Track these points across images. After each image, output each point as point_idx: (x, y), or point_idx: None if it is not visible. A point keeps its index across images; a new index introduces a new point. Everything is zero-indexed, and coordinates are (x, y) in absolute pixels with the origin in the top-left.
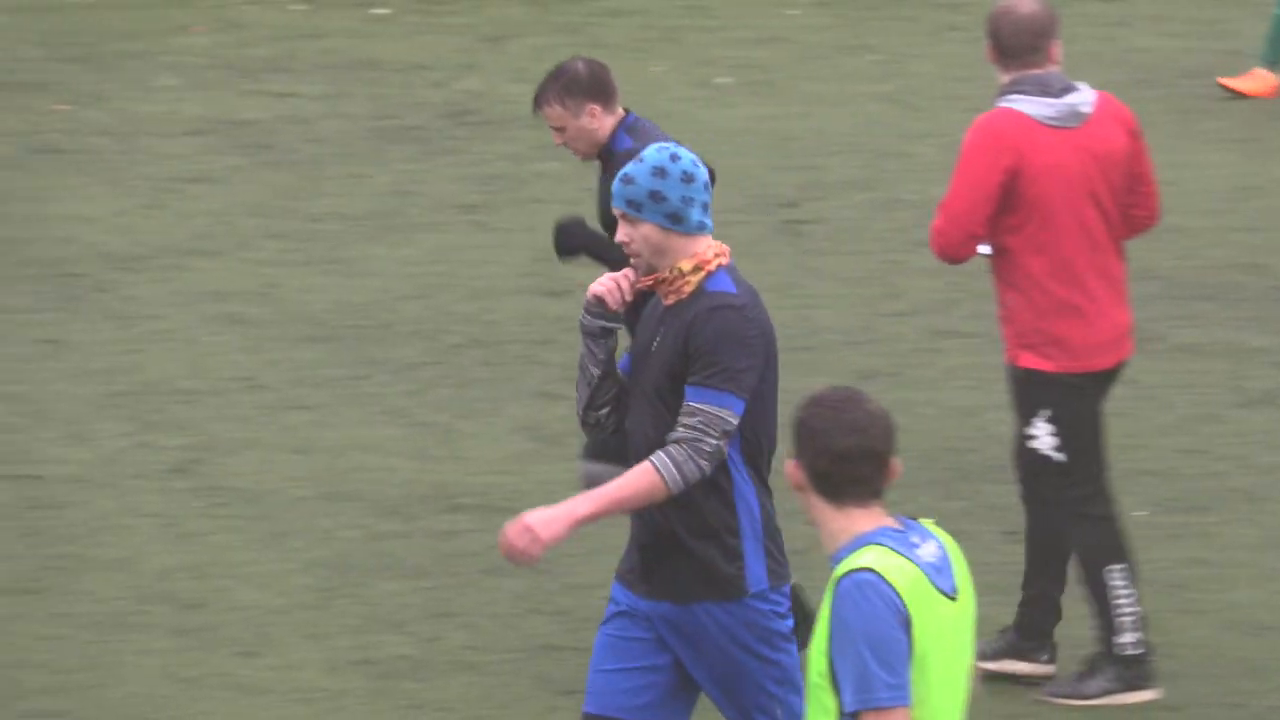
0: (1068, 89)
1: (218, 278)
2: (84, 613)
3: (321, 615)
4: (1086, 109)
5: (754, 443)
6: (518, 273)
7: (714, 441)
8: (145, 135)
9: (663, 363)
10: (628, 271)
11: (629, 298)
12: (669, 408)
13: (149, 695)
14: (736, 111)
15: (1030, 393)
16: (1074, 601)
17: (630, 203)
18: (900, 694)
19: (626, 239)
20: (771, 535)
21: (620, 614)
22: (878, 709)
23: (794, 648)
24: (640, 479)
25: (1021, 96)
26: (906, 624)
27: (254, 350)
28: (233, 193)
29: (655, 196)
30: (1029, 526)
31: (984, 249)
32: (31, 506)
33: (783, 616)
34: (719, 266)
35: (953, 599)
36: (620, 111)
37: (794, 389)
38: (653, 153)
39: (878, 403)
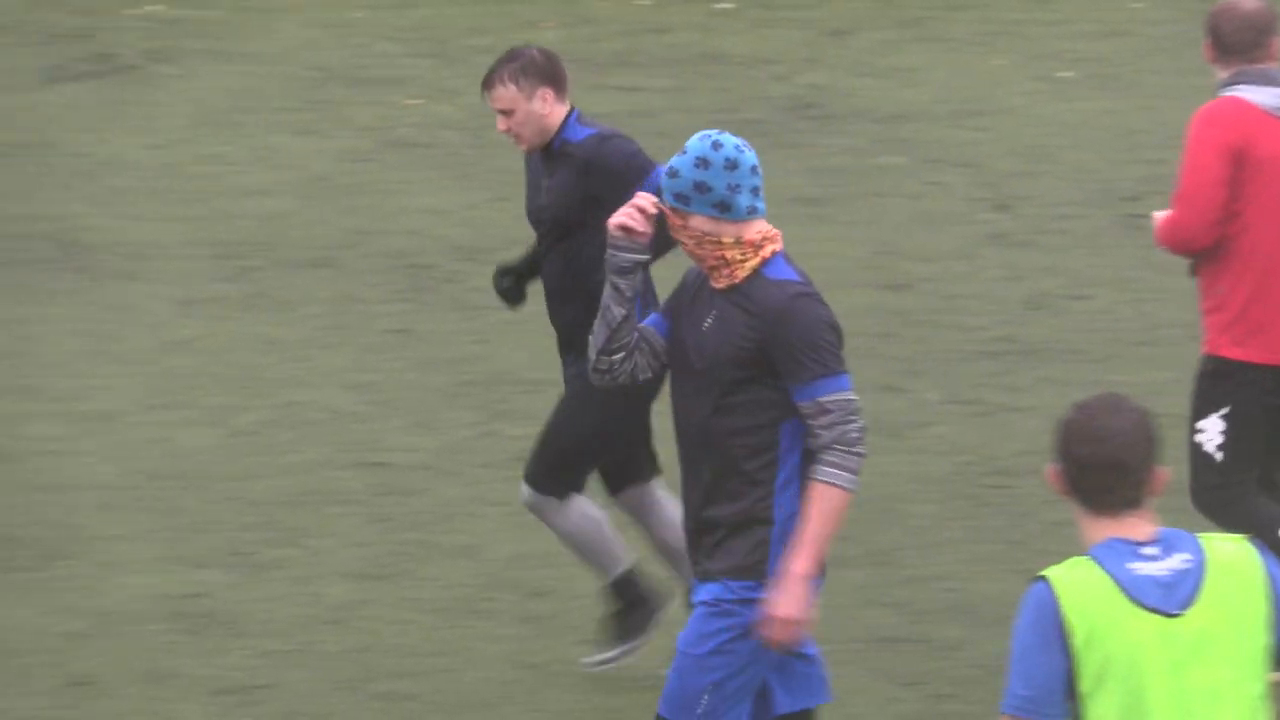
0: None
1: None
2: (432, 598)
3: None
4: None
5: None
6: (859, 265)
7: (855, 424)
8: (494, 129)
9: (720, 350)
10: (644, 195)
11: (653, 215)
12: (726, 393)
13: (495, 680)
14: (1079, 105)
15: (1216, 386)
16: None
17: (678, 196)
18: (1027, 707)
19: (675, 229)
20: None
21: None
22: (1003, 716)
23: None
24: (824, 503)
25: (1246, 86)
26: (1065, 639)
27: None
28: None
29: (700, 187)
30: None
31: None
32: (380, 493)
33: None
34: (774, 253)
35: (1171, 616)
36: (568, 105)
37: (1132, 383)
38: (695, 142)
39: (1141, 412)
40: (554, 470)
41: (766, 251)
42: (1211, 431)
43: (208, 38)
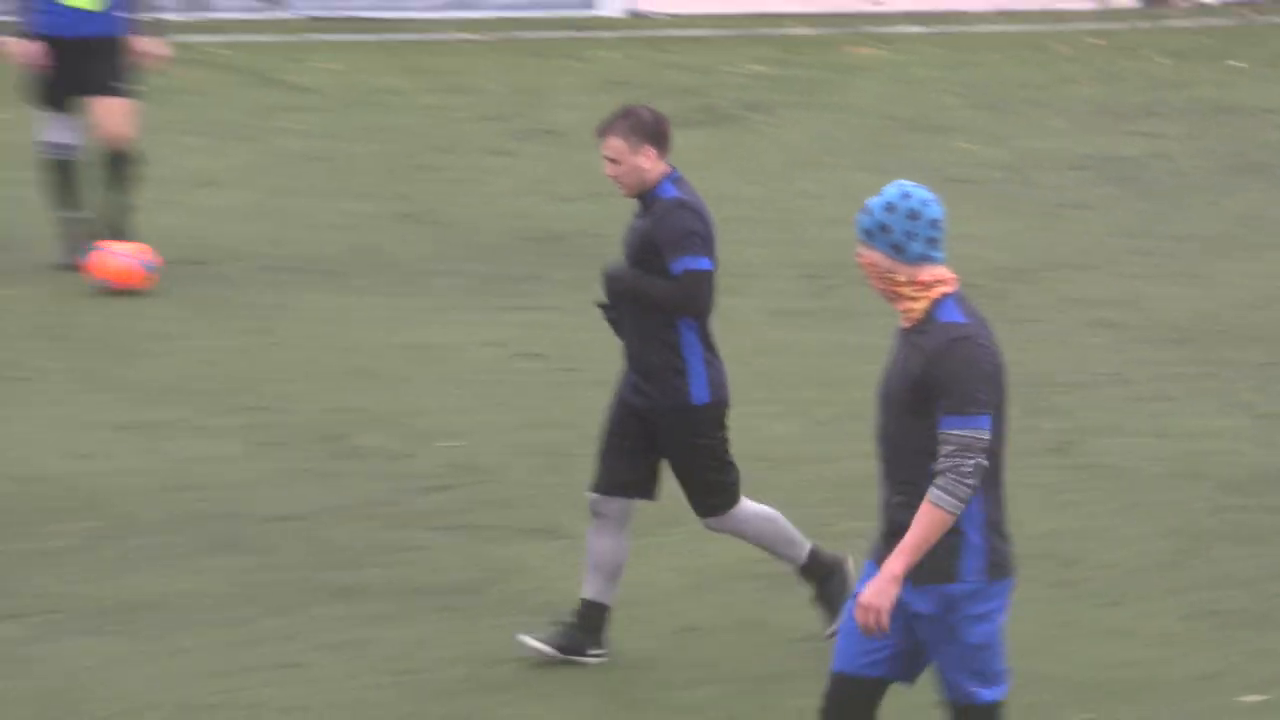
0: None
1: (1091, 288)
2: None
3: (1175, 573)
4: None
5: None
6: None
7: (972, 460)
8: (1036, 169)
9: (903, 382)
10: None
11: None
12: (908, 418)
13: (1032, 635)
14: None
15: None
16: None
17: (865, 231)
18: None
19: (859, 260)
20: (992, 535)
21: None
22: None
23: (999, 644)
24: (927, 518)
25: None
26: None
27: (1121, 350)
28: (1106, 217)
29: (884, 228)
30: None
31: None
32: None
33: (986, 618)
34: (943, 295)
35: None
36: (667, 165)
37: None
38: (890, 189)
39: None
40: (709, 498)
41: (935, 293)
42: None
43: (798, 92)
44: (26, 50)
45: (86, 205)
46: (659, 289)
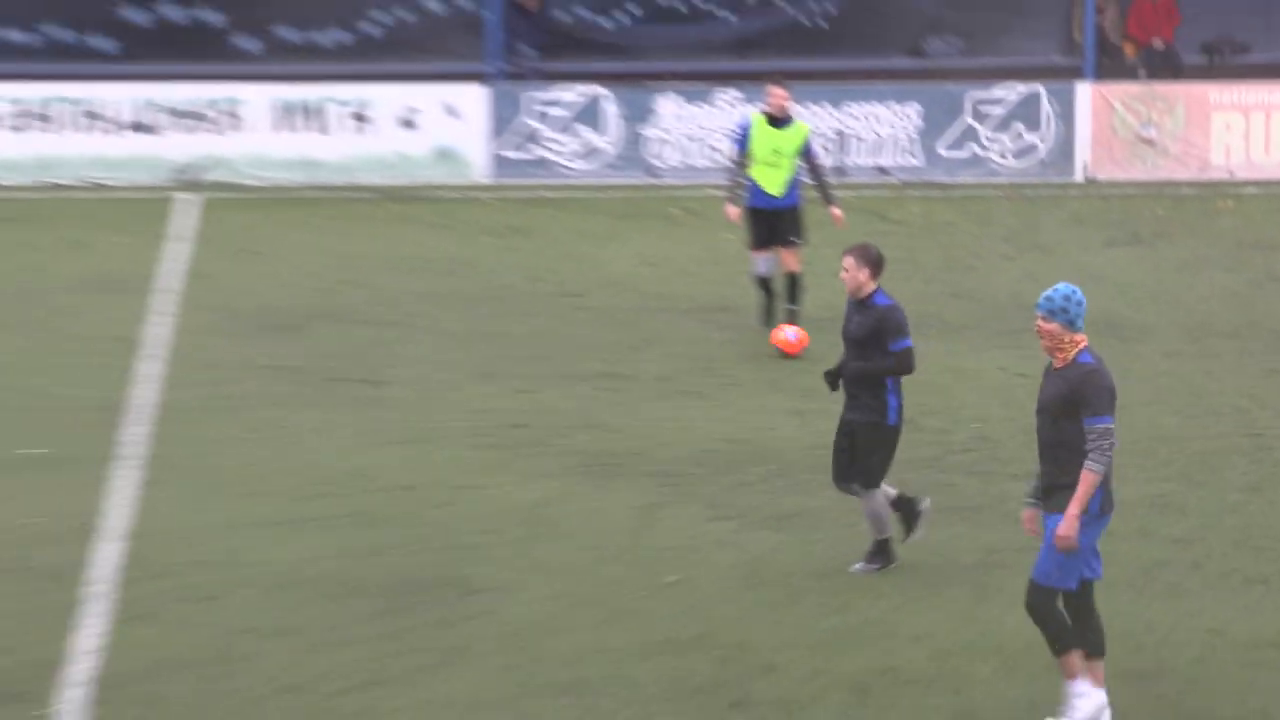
0: None
1: None
2: None
3: None
4: None
5: None
6: None
7: (1110, 442)
8: None
9: (1054, 401)
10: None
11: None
12: (1058, 422)
13: None
14: None
15: None
16: None
17: (1049, 310)
18: None
19: (1040, 328)
20: (1105, 488)
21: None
22: None
23: (1084, 555)
24: (1088, 480)
25: None
26: None
27: None
28: None
29: (1064, 310)
30: None
31: None
32: None
33: (1091, 541)
34: (1082, 348)
35: None
36: (876, 284)
37: None
38: (1062, 286)
39: None
40: (869, 478)
41: (1081, 346)
42: None
43: (1183, 227)
44: (736, 215)
45: (775, 298)
46: (882, 367)
